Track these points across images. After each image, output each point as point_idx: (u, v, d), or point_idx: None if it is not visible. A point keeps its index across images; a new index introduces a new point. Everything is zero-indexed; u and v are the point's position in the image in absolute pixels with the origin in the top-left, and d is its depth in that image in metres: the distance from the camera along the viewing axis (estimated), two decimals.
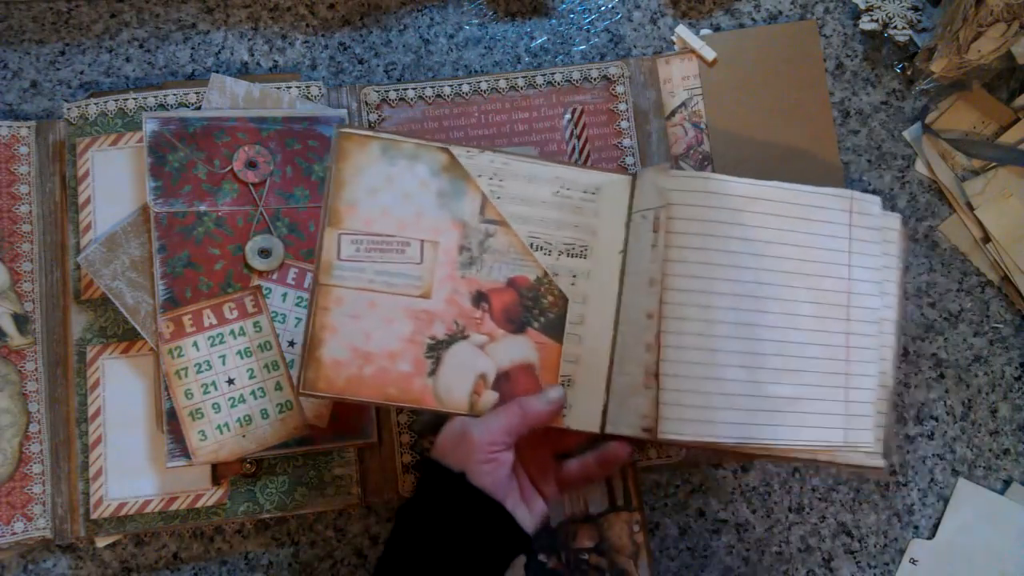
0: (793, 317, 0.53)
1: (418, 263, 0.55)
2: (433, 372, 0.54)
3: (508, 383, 0.54)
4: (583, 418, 0.55)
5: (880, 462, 0.55)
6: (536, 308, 0.55)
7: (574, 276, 0.55)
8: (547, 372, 0.55)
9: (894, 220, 0.58)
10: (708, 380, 0.51)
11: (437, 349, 0.54)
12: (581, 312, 0.55)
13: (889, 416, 0.56)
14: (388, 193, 0.55)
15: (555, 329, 0.55)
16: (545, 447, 0.56)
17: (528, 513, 0.53)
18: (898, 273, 0.58)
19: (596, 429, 0.54)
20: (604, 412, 0.54)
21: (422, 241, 0.55)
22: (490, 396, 0.54)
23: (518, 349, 0.55)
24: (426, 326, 0.54)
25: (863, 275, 0.55)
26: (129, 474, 0.63)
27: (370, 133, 0.55)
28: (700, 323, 0.51)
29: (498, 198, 0.55)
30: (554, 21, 0.73)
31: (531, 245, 0.55)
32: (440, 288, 0.55)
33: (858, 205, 0.56)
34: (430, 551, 0.49)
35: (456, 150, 0.56)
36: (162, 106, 0.67)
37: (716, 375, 0.51)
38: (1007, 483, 0.69)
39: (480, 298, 0.55)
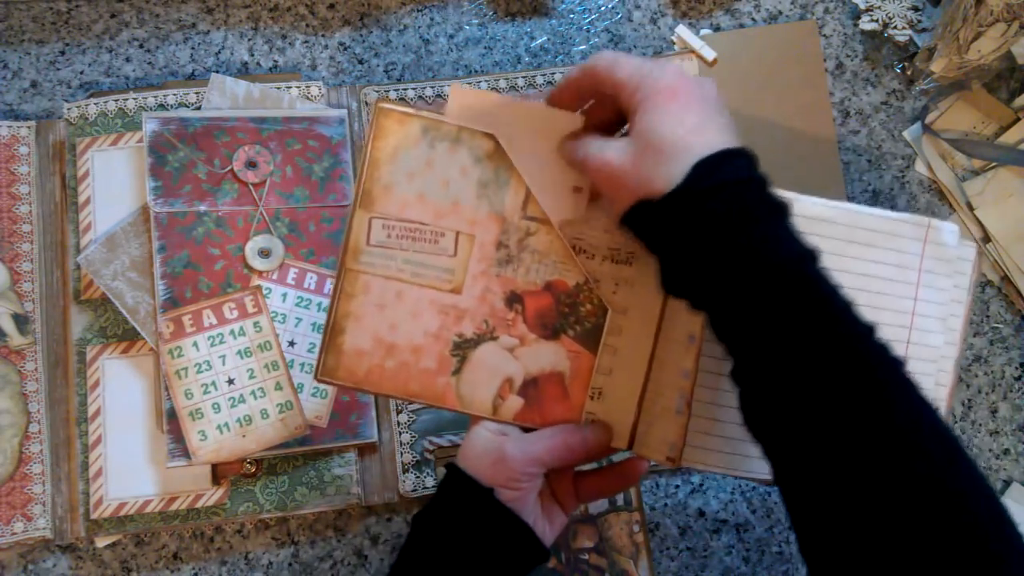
0: None
1: (451, 256, 0.51)
2: (458, 371, 0.52)
3: (535, 390, 0.52)
4: (615, 437, 0.53)
5: None
6: (573, 315, 0.52)
7: (616, 284, 0.52)
8: (578, 382, 0.52)
9: (969, 251, 0.53)
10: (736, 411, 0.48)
11: (463, 348, 0.52)
12: (620, 324, 0.52)
13: None
14: (426, 178, 0.51)
15: (591, 339, 0.52)
16: None
17: (548, 527, 0.52)
18: (965, 308, 0.53)
19: (624, 447, 0.52)
20: (633, 431, 0.52)
21: (458, 233, 0.51)
22: (515, 402, 0.52)
23: (550, 356, 0.52)
24: (454, 323, 0.52)
25: (929, 310, 0.51)
26: (129, 474, 0.63)
27: (411, 111, 0.51)
28: None
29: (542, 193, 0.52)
30: (554, 21, 0.73)
31: (574, 247, 0.52)
32: (472, 285, 0.52)
33: (934, 234, 0.52)
34: (449, 562, 0.48)
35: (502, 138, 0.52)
36: (162, 106, 0.67)
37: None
38: (1007, 483, 0.69)
39: (514, 299, 0.52)
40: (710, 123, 0.42)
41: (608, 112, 0.48)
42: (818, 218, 0.50)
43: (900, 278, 0.51)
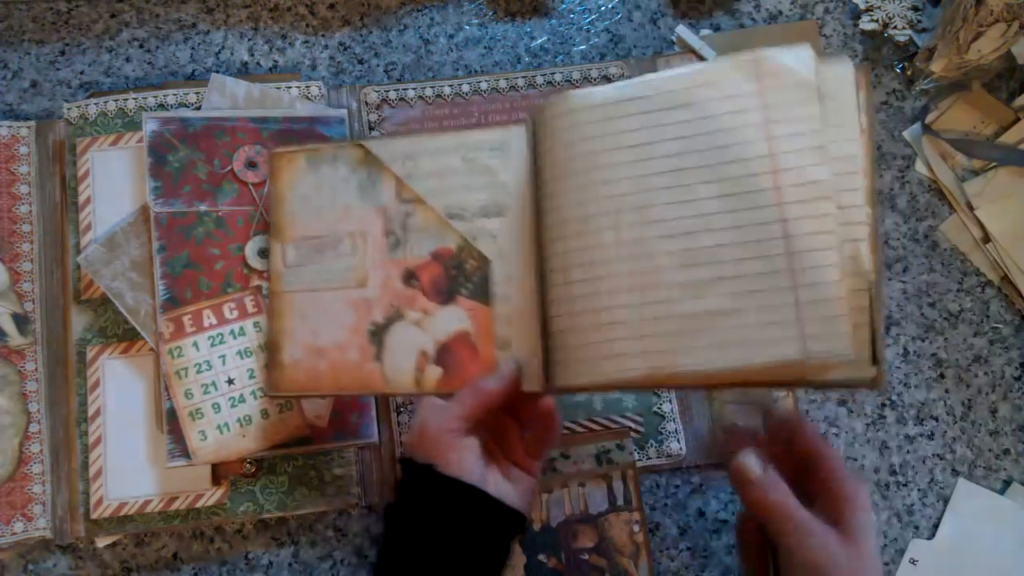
0: (696, 219, 0.46)
1: (350, 255, 0.57)
2: (378, 356, 0.56)
3: (449, 355, 0.54)
4: (528, 380, 0.53)
5: (868, 371, 0.44)
6: (461, 275, 0.55)
7: (494, 236, 0.55)
8: (483, 337, 0.54)
9: (843, 69, 0.46)
10: (596, 315, 0.48)
11: (379, 333, 0.56)
12: (507, 272, 0.54)
13: (876, 314, 0.44)
14: (317, 196, 0.58)
15: (483, 293, 0.55)
16: (509, 421, 0.54)
17: (514, 490, 0.51)
18: (862, 133, 0.45)
19: (539, 389, 0.52)
20: (544, 370, 0.52)
21: (351, 233, 0.57)
22: (433, 371, 0.54)
23: (451, 319, 0.55)
24: (366, 313, 0.56)
25: (792, 144, 0.45)
26: (129, 474, 0.63)
27: (294, 148, 0.60)
28: (581, 254, 0.48)
29: (410, 177, 0.57)
30: (554, 21, 0.73)
31: (448, 215, 0.56)
32: (374, 275, 0.57)
33: (768, 66, 0.46)
34: (424, 549, 0.48)
35: (369, 143, 0.58)
36: (162, 106, 0.67)
37: (604, 306, 0.47)
38: (1007, 483, 0.69)
39: (410, 276, 0.56)
40: None
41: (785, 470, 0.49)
42: (617, 100, 0.48)
43: (740, 123, 0.46)
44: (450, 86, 0.69)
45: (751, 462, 0.48)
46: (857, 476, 0.49)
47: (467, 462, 0.49)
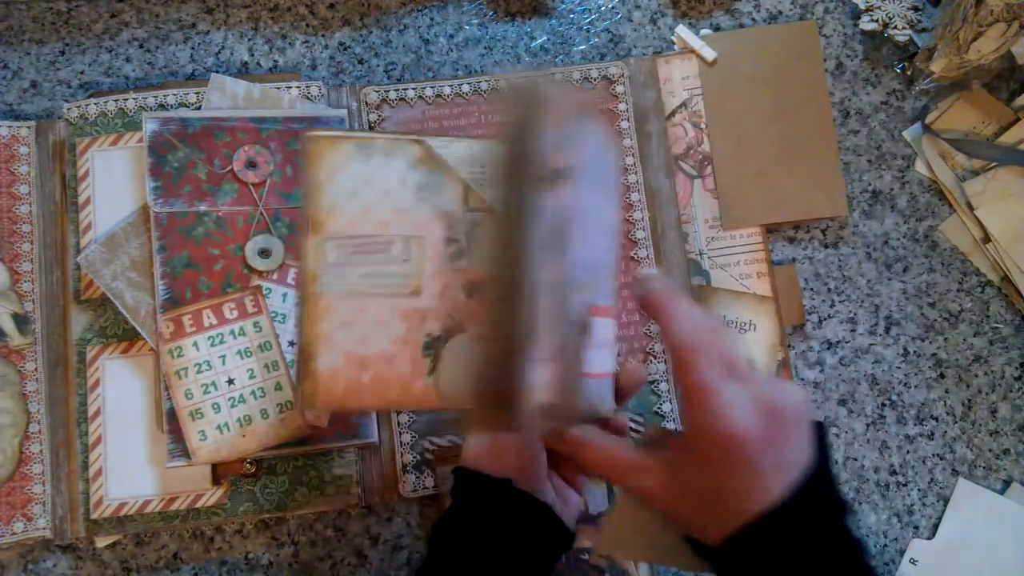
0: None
1: (405, 260, 0.53)
2: (433, 370, 0.52)
3: None
4: None
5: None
6: None
7: None
8: None
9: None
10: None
11: (434, 346, 0.52)
12: None
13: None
14: (367, 193, 0.53)
15: None
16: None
17: (566, 507, 0.51)
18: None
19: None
20: (616, 385, 0.51)
21: (406, 237, 0.53)
22: None
23: None
24: (419, 324, 0.52)
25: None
26: (129, 474, 0.63)
27: (339, 133, 0.54)
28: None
29: (481, 185, 0.54)
30: (554, 21, 0.73)
31: None
32: (430, 284, 0.53)
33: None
34: (481, 561, 0.47)
35: (431, 140, 0.54)
36: (162, 106, 0.67)
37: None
38: (1007, 483, 0.69)
39: (474, 289, 0.53)
40: (753, 481, 0.39)
41: None
42: None
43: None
44: (450, 86, 0.69)
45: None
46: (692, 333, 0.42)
47: (539, 479, 0.49)
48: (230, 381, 0.63)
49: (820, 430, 0.41)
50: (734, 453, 0.39)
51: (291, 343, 0.64)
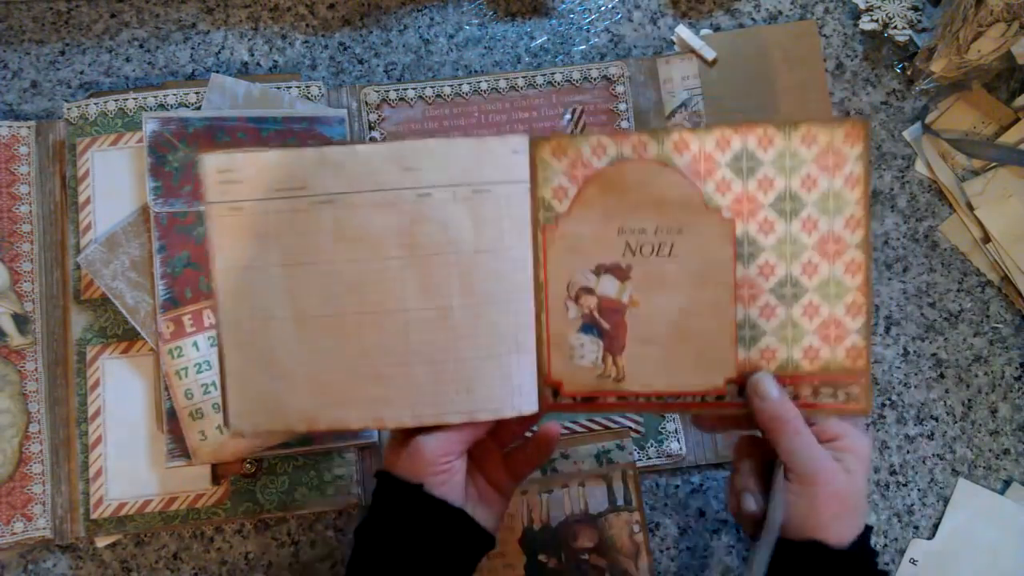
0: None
1: None
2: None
3: None
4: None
5: (531, 408, 0.50)
6: None
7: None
8: None
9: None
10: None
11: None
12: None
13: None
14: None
15: None
16: (488, 442, 0.55)
17: (489, 512, 0.52)
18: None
19: (536, 409, 0.52)
20: (540, 393, 0.52)
21: None
22: None
23: None
24: None
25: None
26: (129, 474, 0.63)
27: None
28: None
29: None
30: (554, 21, 0.73)
31: None
32: None
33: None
34: (398, 566, 0.48)
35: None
36: (162, 106, 0.67)
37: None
38: (1007, 483, 0.69)
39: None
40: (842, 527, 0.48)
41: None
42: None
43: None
44: (450, 86, 0.69)
45: (769, 381, 0.49)
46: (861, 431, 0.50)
47: (454, 484, 0.49)
48: None
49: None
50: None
51: None
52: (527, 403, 0.50)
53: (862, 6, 0.72)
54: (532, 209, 0.50)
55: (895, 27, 0.72)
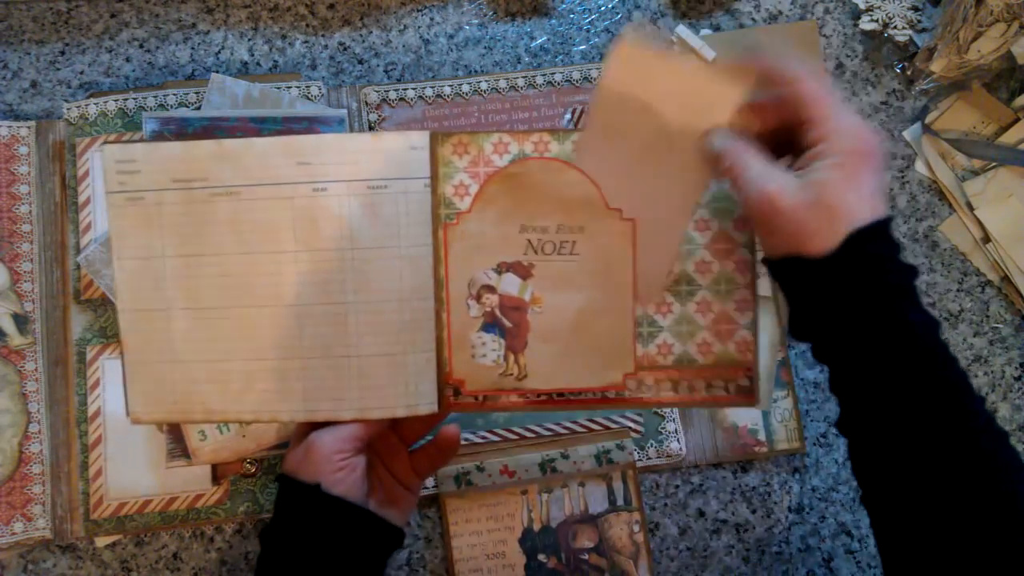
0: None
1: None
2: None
3: None
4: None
5: (429, 407, 0.51)
6: None
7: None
8: None
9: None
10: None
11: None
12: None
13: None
14: None
15: None
16: (393, 440, 0.55)
17: (394, 509, 0.52)
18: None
19: (435, 409, 0.52)
20: (440, 393, 0.52)
21: None
22: None
23: None
24: None
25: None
26: (129, 474, 0.63)
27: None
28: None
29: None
30: (554, 21, 0.73)
31: None
32: None
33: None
34: (304, 565, 0.48)
35: None
36: (162, 106, 0.67)
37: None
38: None
39: None
40: (878, 190, 0.43)
41: (771, 120, 0.47)
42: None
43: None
44: (450, 86, 0.69)
45: (715, 135, 0.46)
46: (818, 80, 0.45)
47: (353, 482, 0.49)
48: None
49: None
50: (869, 157, 0.43)
51: None
52: (424, 402, 0.50)
53: (862, 6, 0.72)
54: (433, 206, 0.50)
55: (895, 27, 0.72)
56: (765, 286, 0.52)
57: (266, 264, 0.50)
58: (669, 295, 0.51)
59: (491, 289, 0.51)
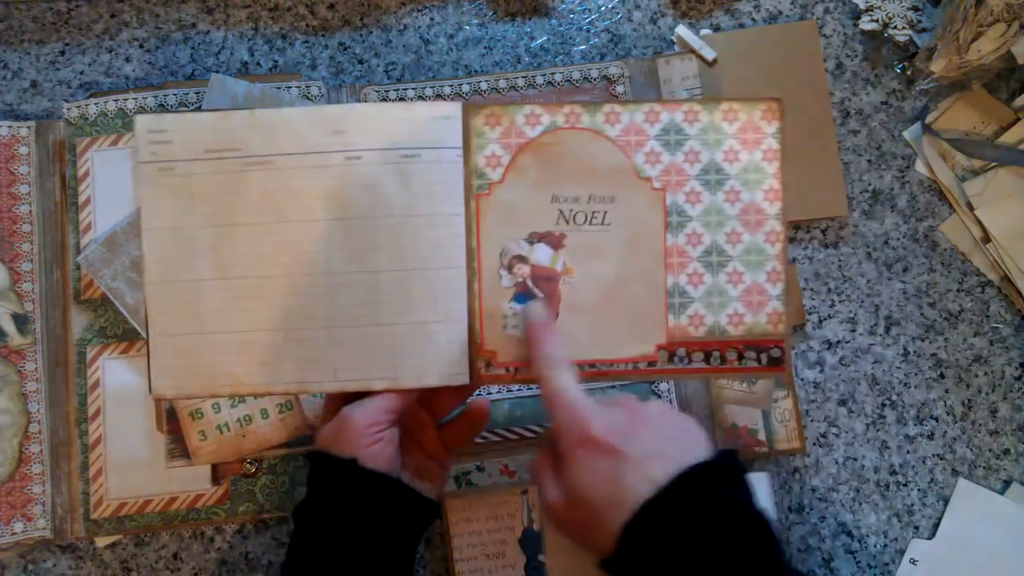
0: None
1: None
2: None
3: None
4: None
5: (460, 379, 0.50)
6: None
7: None
8: None
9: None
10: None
11: None
12: None
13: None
14: None
15: None
16: (422, 415, 0.54)
17: (429, 483, 0.52)
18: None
19: (466, 381, 0.52)
20: (471, 363, 0.52)
21: None
22: None
23: None
24: None
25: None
26: (129, 474, 0.63)
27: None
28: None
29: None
30: (554, 21, 0.73)
31: None
32: None
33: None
34: (339, 542, 0.48)
35: None
36: (162, 106, 0.67)
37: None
38: (1007, 483, 0.69)
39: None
40: (627, 469, 0.42)
41: None
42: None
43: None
44: (450, 86, 0.69)
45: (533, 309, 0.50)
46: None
47: (388, 455, 0.49)
48: None
49: (733, 455, 0.45)
50: (600, 446, 0.43)
51: None
52: (455, 373, 0.50)
53: (862, 6, 0.72)
54: (465, 176, 0.50)
55: (895, 27, 0.72)
56: None
57: (298, 233, 0.49)
58: (700, 265, 0.51)
59: (523, 259, 0.51)
